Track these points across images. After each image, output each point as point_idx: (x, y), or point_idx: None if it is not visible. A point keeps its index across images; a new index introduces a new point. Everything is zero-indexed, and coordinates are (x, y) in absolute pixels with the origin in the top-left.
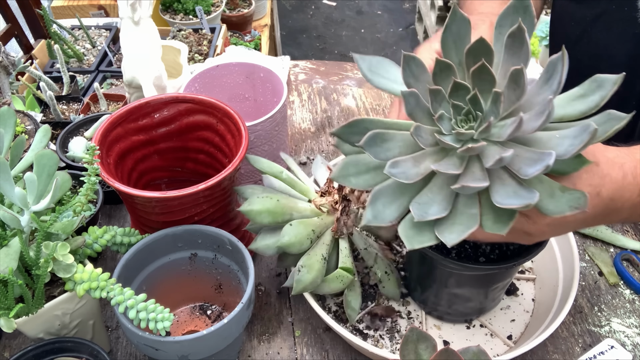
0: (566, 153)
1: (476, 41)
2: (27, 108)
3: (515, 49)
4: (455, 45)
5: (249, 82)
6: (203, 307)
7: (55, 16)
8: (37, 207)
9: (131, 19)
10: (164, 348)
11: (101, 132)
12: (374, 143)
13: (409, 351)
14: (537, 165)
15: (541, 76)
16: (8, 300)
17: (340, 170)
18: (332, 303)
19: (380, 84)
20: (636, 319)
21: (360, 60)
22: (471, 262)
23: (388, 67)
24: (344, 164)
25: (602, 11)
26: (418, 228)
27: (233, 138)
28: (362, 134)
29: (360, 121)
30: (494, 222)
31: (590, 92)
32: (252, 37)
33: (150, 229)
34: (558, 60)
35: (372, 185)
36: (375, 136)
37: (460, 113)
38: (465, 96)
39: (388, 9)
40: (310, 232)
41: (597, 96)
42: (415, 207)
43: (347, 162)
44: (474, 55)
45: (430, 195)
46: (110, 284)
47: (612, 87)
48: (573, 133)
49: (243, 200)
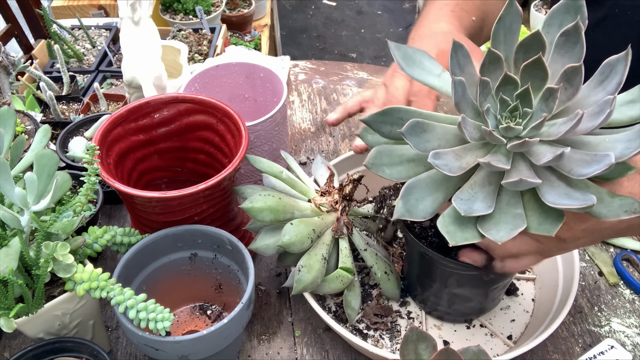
0: (622, 156)
1: (530, 35)
2: (27, 108)
3: (567, 48)
4: (506, 38)
5: (249, 82)
6: (203, 307)
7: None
8: (37, 207)
9: (131, 19)
10: (164, 348)
11: (101, 132)
12: (414, 132)
13: (409, 351)
14: (593, 165)
15: (594, 77)
16: (8, 300)
17: (374, 158)
18: (332, 303)
19: (415, 74)
20: (636, 319)
21: (395, 48)
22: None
23: (422, 58)
24: (377, 153)
25: (604, 15)
26: (460, 224)
27: (233, 138)
28: (395, 124)
29: (395, 110)
30: (540, 224)
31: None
32: (252, 37)
33: (150, 229)
34: (618, 61)
35: (405, 178)
36: (416, 124)
37: (505, 109)
38: (513, 91)
39: (388, 9)
40: (310, 231)
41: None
42: (459, 202)
43: (380, 150)
44: (524, 51)
45: (471, 192)
46: (110, 284)
47: None
48: (626, 137)
49: (243, 200)
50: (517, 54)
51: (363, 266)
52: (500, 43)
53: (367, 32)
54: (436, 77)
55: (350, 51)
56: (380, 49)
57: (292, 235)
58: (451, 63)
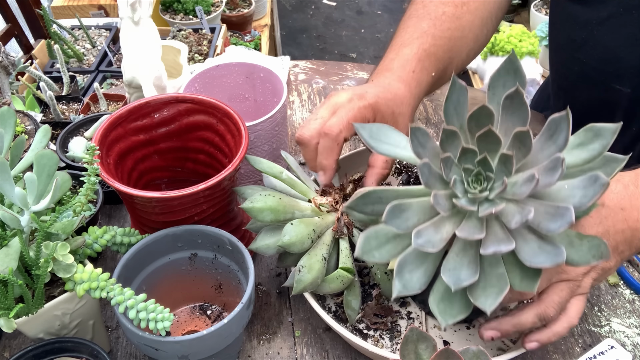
0: (580, 205)
1: (478, 108)
2: (27, 108)
3: (514, 109)
4: (456, 111)
5: (249, 82)
6: (203, 307)
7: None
8: (37, 207)
9: (131, 19)
10: (164, 348)
11: (101, 132)
12: (394, 215)
13: (409, 351)
14: (558, 221)
15: (543, 132)
16: (8, 300)
17: (363, 247)
18: (332, 303)
19: (384, 150)
20: (636, 319)
21: (360, 129)
22: None
23: (388, 132)
24: (365, 239)
25: (609, 14)
26: (449, 299)
27: (233, 138)
28: (376, 202)
29: (372, 192)
30: (522, 280)
31: (588, 140)
32: (252, 37)
33: (150, 229)
34: (562, 119)
35: (394, 255)
36: (395, 208)
37: (470, 175)
38: (473, 159)
39: (388, 9)
40: (311, 231)
41: (598, 144)
42: (447, 274)
43: (368, 236)
44: (476, 120)
45: (456, 259)
46: (110, 284)
47: (612, 136)
48: (582, 184)
49: (243, 200)
50: (470, 122)
51: (363, 266)
52: (452, 117)
53: (367, 32)
54: (403, 149)
55: (350, 51)
56: (380, 49)
57: (292, 235)
58: (413, 145)
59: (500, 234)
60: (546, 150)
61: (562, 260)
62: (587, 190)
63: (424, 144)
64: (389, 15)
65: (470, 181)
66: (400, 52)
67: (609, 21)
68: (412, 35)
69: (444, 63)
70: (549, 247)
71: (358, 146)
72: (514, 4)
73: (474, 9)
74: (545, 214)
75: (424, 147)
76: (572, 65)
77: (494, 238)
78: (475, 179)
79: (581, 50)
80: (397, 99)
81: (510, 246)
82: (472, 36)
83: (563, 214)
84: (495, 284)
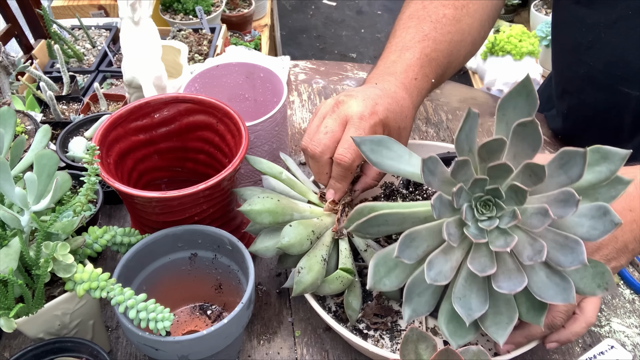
0: (589, 237)
1: (491, 140)
2: (27, 108)
3: (526, 135)
4: (467, 137)
5: (249, 82)
6: (203, 307)
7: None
8: (37, 207)
9: (131, 19)
10: (164, 348)
11: (101, 132)
12: (406, 247)
13: (409, 351)
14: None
15: (554, 159)
16: (8, 300)
17: (374, 276)
18: (332, 303)
19: (387, 166)
20: (636, 319)
21: (361, 144)
22: None
23: (390, 146)
24: (375, 267)
25: (618, 17)
26: (457, 320)
27: (233, 138)
28: (380, 225)
29: (378, 216)
30: (528, 311)
31: (594, 162)
32: (252, 37)
33: (150, 229)
34: (577, 154)
35: (404, 281)
36: (407, 237)
37: (480, 203)
38: (483, 186)
39: (388, 9)
40: (310, 232)
41: (605, 168)
42: (459, 304)
43: (376, 263)
44: (487, 149)
45: (465, 285)
46: (110, 284)
47: (621, 162)
48: (590, 213)
49: (243, 201)
50: (481, 150)
51: (364, 266)
52: (463, 142)
53: (367, 32)
54: (407, 164)
55: (350, 51)
56: (380, 48)
57: (291, 237)
58: (424, 174)
59: (511, 266)
60: (556, 178)
61: (572, 299)
62: (596, 222)
63: (434, 170)
64: (389, 15)
65: (480, 206)
66: (402, 56)
67: (618, 24)
68: (413, 37)
69: (443, 68)
70: (558, 279)
71: None
72: (514, 3)
73: (473, 11)
74: (554, 243)
75: (433, 174)
76: (578, 68)
77: (505, 271)
78: (484, 205)
79: (588, 53)
80: (403, 112)
81: (523, 284)
82: (470, 39)
83: (573, 248)
84: (504, 312)
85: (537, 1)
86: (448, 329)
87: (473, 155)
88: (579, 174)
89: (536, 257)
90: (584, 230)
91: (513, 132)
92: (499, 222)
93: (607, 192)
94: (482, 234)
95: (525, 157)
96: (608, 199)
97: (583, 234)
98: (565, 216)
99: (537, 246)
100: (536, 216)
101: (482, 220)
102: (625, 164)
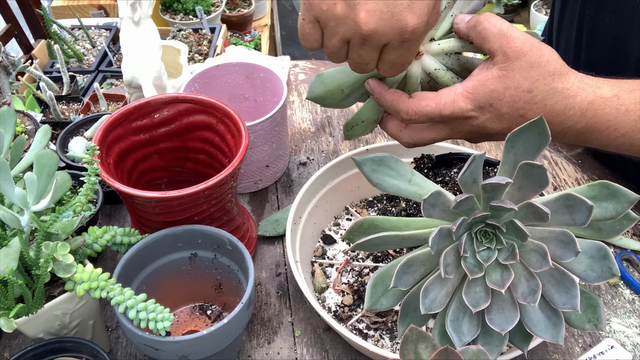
0: (586, 277)
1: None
2: (27, 108)
3: (532, 174)
4: (472, 173)
5: (249, 82)
6: (203, 307)
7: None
8: (37, 207)
9: (131, 19)
10: (164, 348)
11: (101, 132)
12: (403, 274)
13: (408, 351)
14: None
15: (560, 198)
16: (8, 300)
17: (371, 298)
18: (332, 303)
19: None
20: (636, 319)
21: (362, 165)
22: None
23: (389, 163)
24: (373, 287)
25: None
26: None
27: (233, 138)
28: (379, 245)
29: (377, 237)
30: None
31: (602, 197)
32: (252, 37)
33: (150, 229)
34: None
35: (400, 298)
36: (404, 266)
37: (480, 232)
38: (484, 219)
39: None
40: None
41: (611, 207)
42: (451, 327)
43: (374, 283)
44: (492, 186)
45: (460, 308)
46: (110, 284)
47: (629, 205)
48: (590, 251)
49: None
50: (485, 185)
51: (364, 266)
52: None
53: None
54: (408, 183)
55: None
56: None
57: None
58: (424, 211)
59: (506, 298)
60: (560, 216)
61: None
62: (595, 263)
63: (435, 203)
64: None
65: (480, 235)
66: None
67: (624, 10)
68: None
69: None
70: (550, 313)
71: (358, 146)
72: (514, 3)
73: None
74: (551, 277)
75: (434, 207)
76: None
77: (499, 304)
78: (484, 234)
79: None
80: None
81: (515, 320)
82: None
83: (569, 289)
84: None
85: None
86: (441, 343)
87: (477, 185)
88: (583, 222)
89: (529, 299)
90: (582, 268)
91: (520, 169)
92: (498, 254)
93: (612, 225)
94: (480, 267)
95: (531, 192)
96: (611, 234)
97: (580, 272)
98: (565, 259)
99: (532, 284)
100: (535, 255)
101: (480, 251)
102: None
